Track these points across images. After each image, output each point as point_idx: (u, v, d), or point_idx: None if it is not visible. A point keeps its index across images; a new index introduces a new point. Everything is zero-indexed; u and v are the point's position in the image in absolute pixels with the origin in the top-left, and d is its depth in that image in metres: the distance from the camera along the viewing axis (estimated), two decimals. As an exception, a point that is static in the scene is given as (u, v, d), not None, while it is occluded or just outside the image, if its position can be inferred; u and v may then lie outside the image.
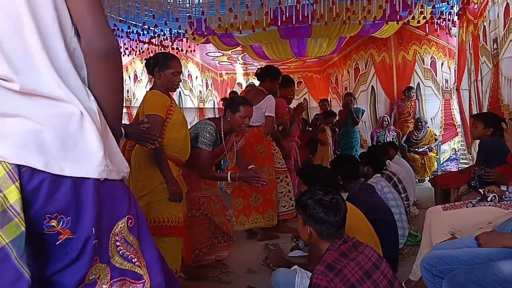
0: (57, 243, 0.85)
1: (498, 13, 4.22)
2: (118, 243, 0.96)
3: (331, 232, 1.69)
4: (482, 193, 2.50)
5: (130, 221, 0.99)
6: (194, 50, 8.38)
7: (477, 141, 3.85)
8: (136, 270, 0.97)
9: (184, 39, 7.06)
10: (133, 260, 0.97)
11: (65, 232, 0.87)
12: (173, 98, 2.65)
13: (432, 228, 2.25)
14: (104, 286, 0.93)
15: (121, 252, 0.96)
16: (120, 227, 0.97)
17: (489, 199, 2.25)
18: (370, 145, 6.95)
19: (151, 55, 2.90)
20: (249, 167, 3.05)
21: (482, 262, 1.57)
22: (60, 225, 0.86)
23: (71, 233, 0.87)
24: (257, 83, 4.25)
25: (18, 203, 0.79)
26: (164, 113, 2.45)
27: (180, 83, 2.72)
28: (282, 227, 4.09)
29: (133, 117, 2.88)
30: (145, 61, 2.76)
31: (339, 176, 2.98)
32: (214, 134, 2.86)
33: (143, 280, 0.97)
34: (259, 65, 9.38)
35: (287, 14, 5.31)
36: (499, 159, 2.93)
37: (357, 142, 6.61)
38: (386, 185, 3.53)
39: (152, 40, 7.09)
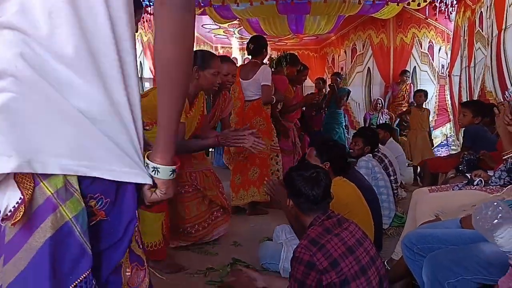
0: (91, 224, 0.82)
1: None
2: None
3: (309, 206, 1.71)
4: (469, 177, 2.52)
5: None
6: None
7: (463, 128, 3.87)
8: (142, 256, 0.95)
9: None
10: (140, 246, 0.95)
11: (99, 214, 0.84)
12: None
13: (417, 209, 2.27)
14: (127, 270, 0.90)
15: (135, 236, 0.93)
16: None
17: (475, 183, 2.27)
18: (362, 126, 6.95)
19: (145, 24, 2.81)
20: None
21: (464, 243, 1.58)
22: (98, 205, 0.84)
23: (104, 215, 0.85)
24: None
25: (75, 179, 0.78)
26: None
27: None
28: (272, 203, 4.11)
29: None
30: None
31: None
32: None
33: (145, 267, 0.95)
34: (256, 40, 9.30)
35: (287, -11, 5.22)
36: (484, 146, 2.97)
37: (340, 123, 6.50)
38: (377, 165, 3.56)
39: (147, 8, 6.93)
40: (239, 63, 10.20)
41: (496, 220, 1.33)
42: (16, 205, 0.72)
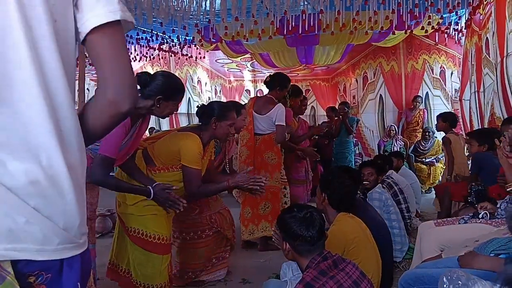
0: None
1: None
2: None
3: (307, 248, 1.70)
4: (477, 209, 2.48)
5: None
6: (204, 57, 8.46)
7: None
8: None
9: (192, 45, 7.14)
10: None
11: None
12: None
13: (422, 244, 2.24)
14: None
15: None
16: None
17: (480, 215, 2.23)
18: (377, 154, 6.90)
19: (161, 61, 2.96)
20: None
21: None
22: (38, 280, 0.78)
23: None
24: (265, 90, 4.22)
25: (8, 262, 0.74)
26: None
27: (190, 89, 2.81)
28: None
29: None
30: (197, 108, 2.75)
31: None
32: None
33: None
34: (268, 72, 9.46)
35: (293, 24, 5.34)
36: (490, 172, 2.92)
37: (351, 152, 6.45)
38: (389, 197, 3.50)
39: (161, 46, 7.19)
40: (252, 95, 10.37)
41: None
42: None
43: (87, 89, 9.18)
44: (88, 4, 0.80)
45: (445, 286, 1.35)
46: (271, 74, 4.17)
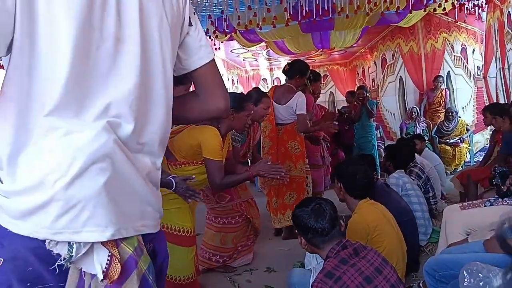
0: None
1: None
2: None
3: (320, 239, 1.71)
4: (506, 188, 2.42)
5: None
6: (219, 48, 8.44)
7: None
8: None
9: (208, 37, 7.12)
10: None
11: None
12: None
13: (447, 228, 2.20)
14: None
15: None
16: None
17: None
18: (399, 137, 6.77)
19: None
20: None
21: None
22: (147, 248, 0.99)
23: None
24: (283, 78, 4.16)
25: (140, 236, 0.94)
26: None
27: None
28: None
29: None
30: None
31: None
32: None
33: None
34: (284, 60, 9.38)
35: (307, 9, 5.25)
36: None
37: (373, 136, 6.31)
38: (409, 181, 3.44)
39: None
40: (269, 83, 10.31)
41: (481, 283, 1.28)
42: (108, 263, 0.85)
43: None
44: (193, 48, 1.09)
45: (465, 279, 1.32)
46: (289, 62, 4.11)
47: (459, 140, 6.51)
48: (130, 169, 0.89)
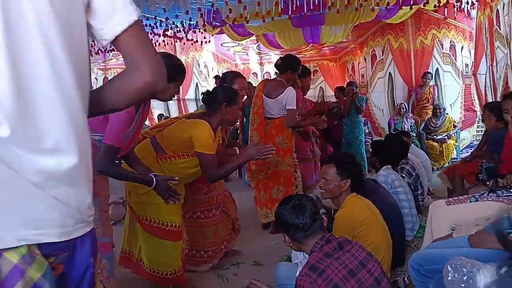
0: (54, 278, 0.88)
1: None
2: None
3: (302, 234, 1.73)
4: (490, 184, 2.44)
5: None
6: (209, 41, 8.39)
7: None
8: None
9: (197, 30, 7.07)
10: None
11: (59, 267, 0.89)
12: None
13: (433, 223, 2.22)
14: None
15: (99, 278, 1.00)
16: None
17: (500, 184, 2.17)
18: (388, 133, 6.81)
19: (167, 47, 2.97)
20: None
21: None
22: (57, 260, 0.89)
23: (63, 268, 0.90)
24: (273, 72, 4.13)
25: (35, 245, 0.84)
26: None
27: (197, 74, 2.84)
28: None
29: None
30: (202, 96, 2.76)
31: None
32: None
33: None
34: (274, 54, 9.36)
35: (298, 3, 5.24)
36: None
37: (361, 132, 6.36)
38: (397, 178, 3.44)
39: (166, 32, 7.14)
40: (259, 78, 10.28)
41: (465, 277, 1.29)
42: None
43: (95, 78, 9.23)
44: (105, 14, 0.90)
45: (450, 274, 1.34)
46: (282, 56, 4.09)
47: (446, 137, 6.57)
48: (7, 175, 0.78)
